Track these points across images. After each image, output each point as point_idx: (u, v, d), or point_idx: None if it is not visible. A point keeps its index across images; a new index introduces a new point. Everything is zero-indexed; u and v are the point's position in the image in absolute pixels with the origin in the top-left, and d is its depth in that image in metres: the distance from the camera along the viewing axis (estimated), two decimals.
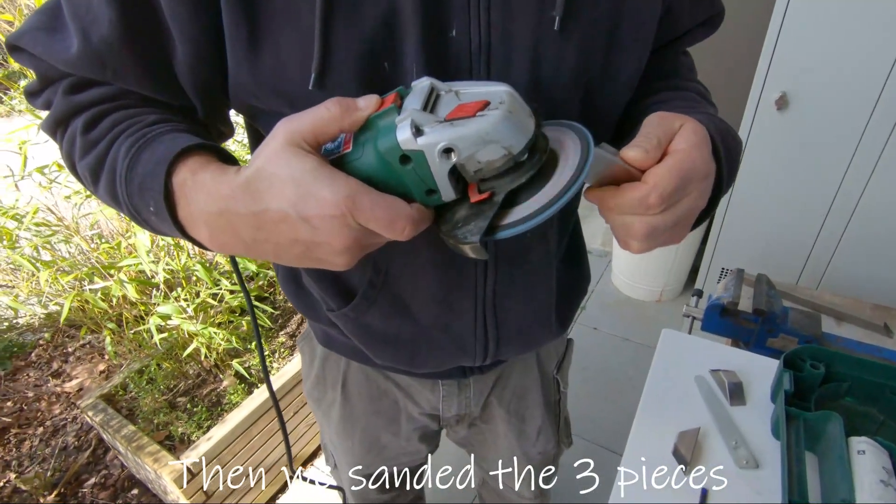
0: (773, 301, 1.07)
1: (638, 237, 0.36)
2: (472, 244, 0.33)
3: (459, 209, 0.36)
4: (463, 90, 0.33)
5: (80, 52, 0.39)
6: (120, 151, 0.39)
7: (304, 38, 0.38)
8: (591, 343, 2.08)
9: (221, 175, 0.34)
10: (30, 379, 2.09)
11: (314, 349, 0.73)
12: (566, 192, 0.32)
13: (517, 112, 0.31)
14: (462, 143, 0.30)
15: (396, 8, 0.38)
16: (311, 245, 0.33)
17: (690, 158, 0.35)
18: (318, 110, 0.32)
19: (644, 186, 0.34)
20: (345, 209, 0.31)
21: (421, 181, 0.33)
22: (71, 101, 0.42)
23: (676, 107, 0.48)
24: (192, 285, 1.41)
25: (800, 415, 0.64)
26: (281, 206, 0.32)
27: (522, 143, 0.32)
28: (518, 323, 0.60)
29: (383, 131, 0.32)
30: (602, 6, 0.42)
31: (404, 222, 0.32)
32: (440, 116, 0.31)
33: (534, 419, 0.79)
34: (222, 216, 0.34)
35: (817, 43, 1.36)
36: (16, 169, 1.23)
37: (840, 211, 1.53)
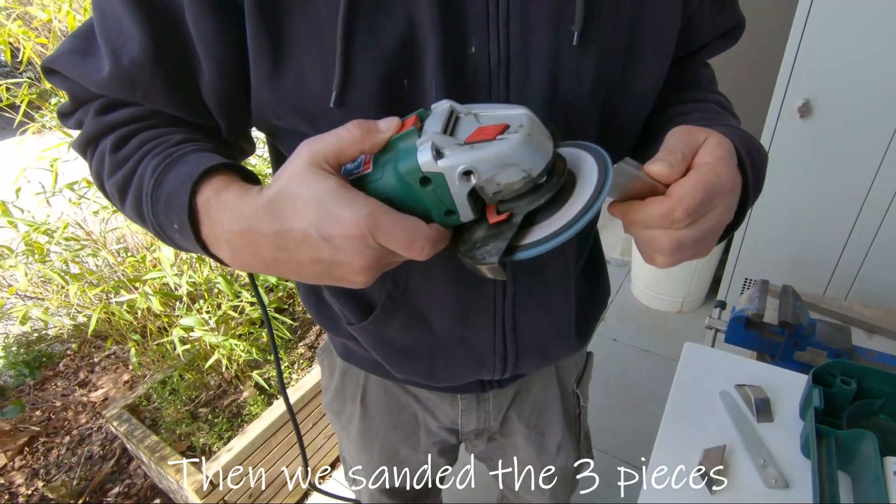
0: (799, 313, 1.04)
1: (664, 251, 0.36)
2: (490, 265, 0.33)
3: (477, 230, 0.36)
4: (482, 113, 0.33)
5: (111, 73, 0.41)
6: (147, 170, 0.40)
7: (325, 57, 0.39)
8: (611, 354, 2.05)
9: (244, 195, 0.35)
10: (58, 388, 2.14)
11: (334, 362, 0.74)
12: (584, 215, 0.32)
13: (536, 135, 0.31)
14: (482, 165, 0.31)
15: (416, 26, 0.38)
16: (332, 264, 0.33)
17: (716, 172, 0.34)
18: (339, 132, 0.33)
19: (669, 201, 0.33)
20: (365, 229, 0.31)
21: (440, 202, 0.33)
22: (101, 122, 0.44)
23: (698, 119, 0.48)
24: (213, 297, 1.44)
25: (831, 433, 0.62)
26: (303, 226, 0.32)
27: (541, 166, 0.32)
28: (537, 337, 0.59)
29: (404, 153, 0.32)
30: (620, 19, 0.42)
31: (423, 242, 0.33)
32: (460, 139, 0.31)
33: (553, 434, 0.78)
34: (244, 236, 0.34)
35: (841, 48, 1.34)
36: (47, 185, 1.27)
37: (869, 219, 1.49)
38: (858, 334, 1.16)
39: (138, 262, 1.36)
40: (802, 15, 1.35)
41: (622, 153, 0.52)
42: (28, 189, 1.26)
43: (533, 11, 0.39)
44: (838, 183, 1.49)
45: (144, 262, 1.33)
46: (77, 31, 0.45)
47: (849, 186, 1.48)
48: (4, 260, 1.27)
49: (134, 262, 1.37)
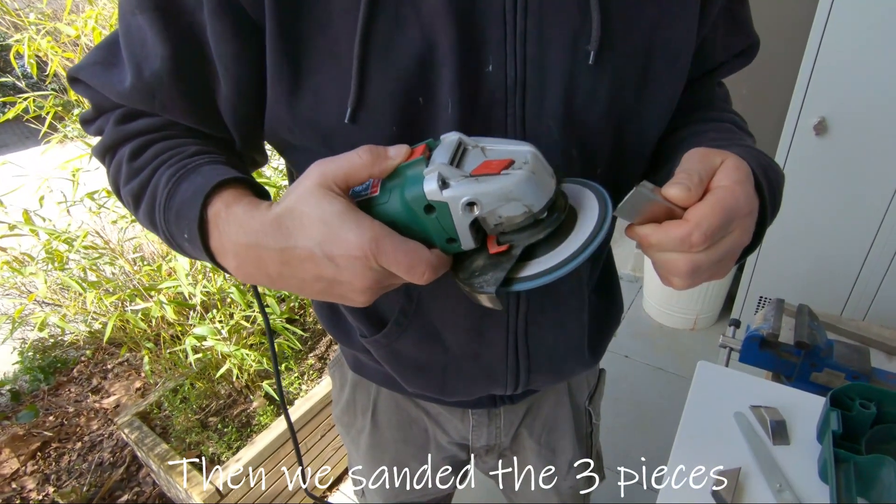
0: (816, 333, 1.02)
1: (681, 274, 0.36)
2: (487, 294, 0.34)
3: (477, 258, 0.37)
4: (489, 147, 0.34)
5: (133, 85, 0.42)
6: (161, 180, 0.41)
7: (342, 76, 0.40)
8: (623, 372, 2.02)
9: (253, 209, 0.36)
10: (71, 394, 2.17)
11: (345, 375, 0.74)
12: (582, 253, 0.33)
13: (539, 172, 0.32)
14: (485, 198, 0.32)
15: (433, 46, 0.39)
16: (334, 283, 0.34)
17: (733, 195, 0.34)
18: (350, 156, 0.34)
19: (687, 225, 0.33)
20: (368, 251, 0.32)
21: (443, 230, 0.34)
22: (120, 130, 0.46)
23: (713, 138, 0.48)
24: (226, 307, 1.45)
25: (850, 458, 0.61)
26: (308, 244, 0.33)
27: (542, 202, 0.33)
28: (549, 353, 0.59)
29: (411, 181, 0.33)
30: (636, 40, 0.43)
31: (424, 268, 0.34)
32: (466, 171, 0.33)
33: (565, 452, 0.77)
34: (251, 249, 0.35)
35: (857, 66, 1.33)
36: (69, 195, 1.30)
37: (887, 238, 1.47)
38: (878, 356, 1.14)
39: (154, 272, 1.38)
40: (818, 32, 1.34)
41: (635, 172, 0.52)
42: (50, 198, 1.29)
43: (550, 33, 0.40)
44: (855, 202, 1.47)
45: (160, 272, 1.35)
46: (102, 43, 0.47)
47: (866, 205, 1.46)
48: (25, 267, 1.30)
49: (150, 270, 1.39)
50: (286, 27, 0.39)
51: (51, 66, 1.14)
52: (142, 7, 0.40)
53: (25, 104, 1.19)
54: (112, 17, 1.13)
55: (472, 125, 0.42)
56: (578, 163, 0.46)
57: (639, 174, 0.53)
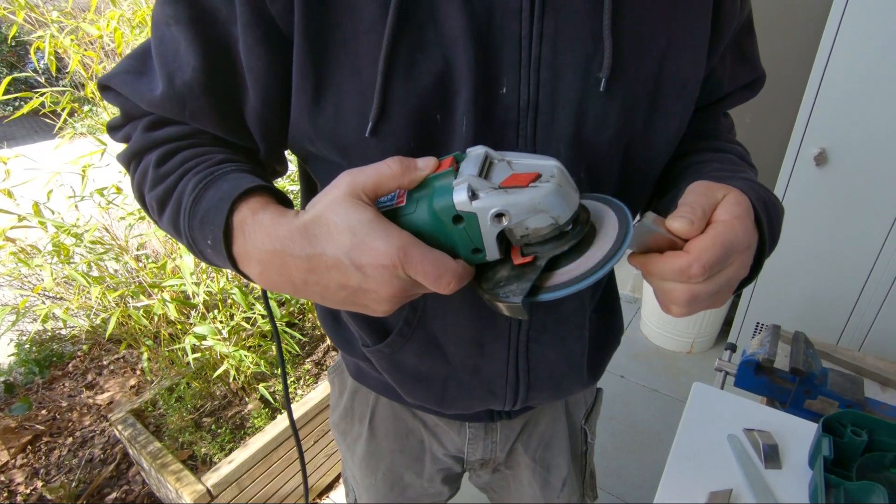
0: (811, 360, 1.04)
1: (679, 303, 0.37)
2: (513, 304, 0.35)
3: (501, 269, 0.37)
4: (515, 161, 0.35)
5: (164, 94, 0.44)
6: (188, 187, 0.42)
7: (363, 90, 0.41)
8: (618, 392, 2.02)
9: (280, 217, 0.37)
10: (65, 389, 2.16)
11: (345, 382, 0.74)
12: (605, 265, 0.34)
13: (565, 186, 0.33)
14: (514, 209, 0.33)
15: (452, 66, 0.41)
16: (359, 291, 0.35)
17: (733, 230, 0.35)
18: (380, 167, 0.35)
19: (687, 257, 0.35)
20: (397, 260, 0.33)
21: (469, 240, 0.35)
22: (148, 137, 0.46)
23: (716, 168, 0.49)
24: (227, 308, 1.46)
25: (840, 483, 0.62)
26: (336, 252, 0.34)
27: (568, 214, 0.34)
28: (549, 370, 0.60)
29: (440, 191, 0.34)
30: (646, 68, 0.44)
31: (450, 277, 0.34)
32: (494, 183, 0.33)
33: (559, 469, 0.77)
34: (276, 256, 0.36)
35: (858, 98, 1.36)
36: (78, 190, 1.32)
37: (884, 270, 1.48)
38: (872, 387, 1.14)
39: (158, 269, 1.39)
40: (821, 66, 1.37)
41: (642, 197, 0.54)
42: (60, 192, 1.31)
43: (563, 59, 0.42)
44: (853, 233, 1.49)
45: (165, 270, 1.37)
46: (133, 52, 0.48)
47: (864, 236, 1.48)
48: (32, 259, 1.31)
49: (154, 268, 1.41)
50: (312, 41, 0.40)
51: (71, 63, 1.16)
52: (176, 18, 0.41)
53: (42, 99, 1.21)
54: (134, 18, 1.16)
55: (486, 143, 0.43)
56: (587, 185, 0.47)
57: (645, 198, 0.54)
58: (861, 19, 1.29)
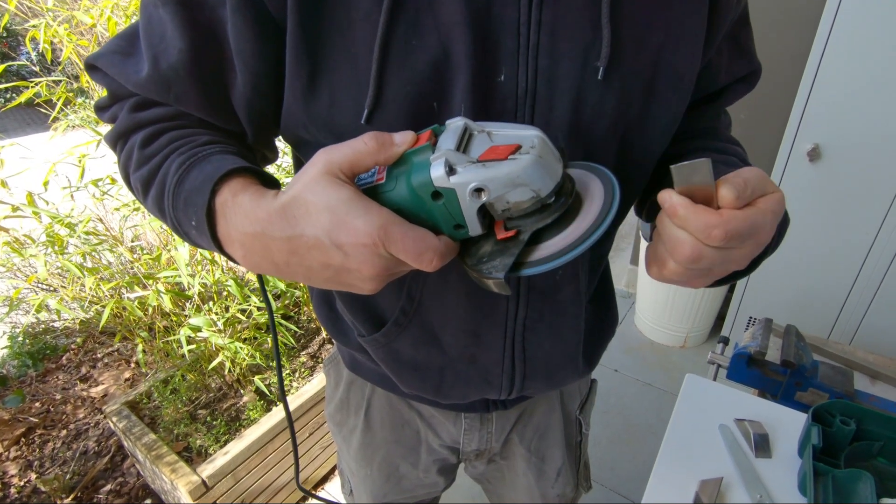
0: (802, 353, 1.05)
1: (680, 259, 0.37)
2: (496, 279, 0.34)
3: (485, 244, 0.37)
4: (495, 132, 0.34)
5: (149, 76, 0.43)
6: (171, 167, 0.41)
7: (359, 77, 0.41)
8: (612, 385, 2.04)
9: (259, 199, 0.36)
10: (59, 381, 2.16)
11: (340, 373, 0.74)
12: (590, 237, 0.33)
13: (546, 157, 0.32)
14: (492, 184, 0.32)
15: (449, 53, 0.41)
16: (342, 270, 0.34)
17: (764, 219, 0.35)
18: (355, 143, 0.34)
19: (717, 218, 0.34)
20: (377, 239, 0.32)
21: (450, 216, 0.34)
22: (134, 118, 0.46)
23: (721, 171, 0.49)
24: (222, 300, 1.46)
25: (828, 471, 0.63)
26: (315, 232, 0.33)
27: (550, 186, 0.33)
28: (545, 359, 0.60)
29: (417, 167, 0.33)
30: (643, 57, 0.44)
31: (432, 254, 0.34)
32: (473, 157, 0.32)
33: (554, 459, 0.78)
34: (257, 238, 0.35)
35: (852, 95, 1.37)
36: (73, 181, 1.31)
37: (875, 266, 1.50)
38: (862, 380, 1.16)
39: (153, 261, 1.39)
40: (815, 61, 1.38)
41: (639, 186, 0.54)
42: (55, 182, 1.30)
43: (562, 47, 0.42)
44: (845, 228, 1.51)
45: (159, 261, 1.36)
46: (122, 33, 0.48)
47: (856, 232, 1.49)
48: (26, 249, 1.31)
49: (149, 259, 1.40)
50: (307, 28, 0.40)
51: (65, 52, 1.15)
52: (164, 0, 0.41)
53: (37, 88, 1.20)
54: (129, 6, 1.15)
55: None
56: None
57: (642, 188, 0.55)
58: (855, 17, 1.30)
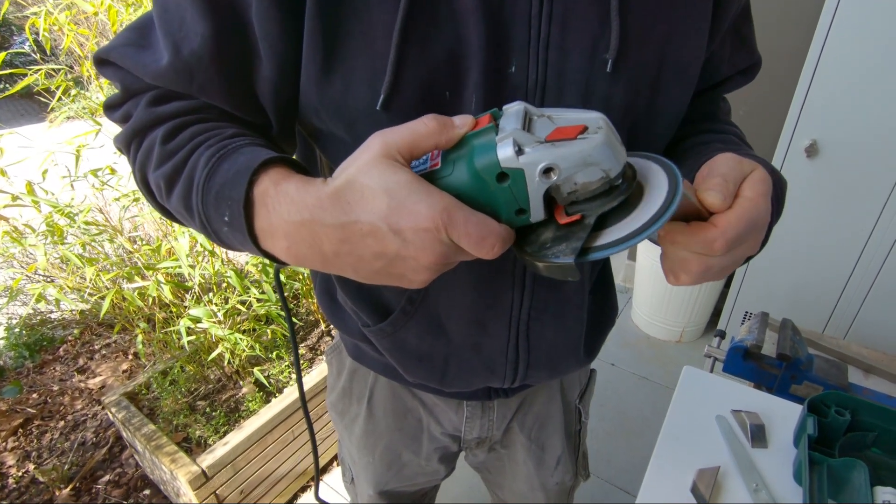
0: (797, 347, 1.06)
1: (691, 273, 0.37)
2: (566, 264, 0.33)
3: (544, 231, 0.36)
4: (556, 115, 0.33)
5: (170, 64, 0.41)
6: (200, 161, 0.39)
7: (375, 63, 0.41)
8: (609, 379, 2.05)
9: (307, 185, 0.34)
10: (56, 373, 2.15)
11: (343, 362, 0.75)
12: (658, 220, 0.32)
13: (613, 138, 0.32)
14: (564, 163, 0.31)
15: (463, 43, 0.41)
16: (396, 259, 0.33)
17: (757, 208, 0.35)
18: (414, 125, 0.33)
19: (714, 231, 0.34)
20: (440, 223, 0.31)
21: (514, 200, 0.33)
22: (153, 112, 0.44)
23: (719, 149, 0.50)
24: (222, 291, 1.46)
25: (823, 461, 0.64)
26: (371, 218, 0.32)
27: (619, 167, 0.32)
28: (548, 348, 0.61)
29: (481, 149, 0.32)
30: (650, 50, 0.45)
31: (494, 239, 0.32)
32: (540, 137, 0.31)
33: (553, 448, 0.79)
34: (305, 226, 0.34)
35: (849, 92, 1.38)
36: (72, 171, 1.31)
37: (870, 262, 1.51)
38: (855, 373, 1.18)
39: (153, 252, 1.39)
40: (814, 58, 1.39)
41: None
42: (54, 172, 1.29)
43: (571, 40, 0.42)
44: (841, 224, 1.52)
45: (159, 252, 1.36)
46: (133, 24, 0.46)
47: (852, 228, 1.51)
48: (25, 238, 1.30)
49: (149, 250, 1.40)
50: (325, 9, 0.40)
51: (65, 41, 1.14)
52: None
53: (36, 76, 1.19)
54: None
55: None
56: None
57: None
58: (855, 13, 1.31)
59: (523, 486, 0.84)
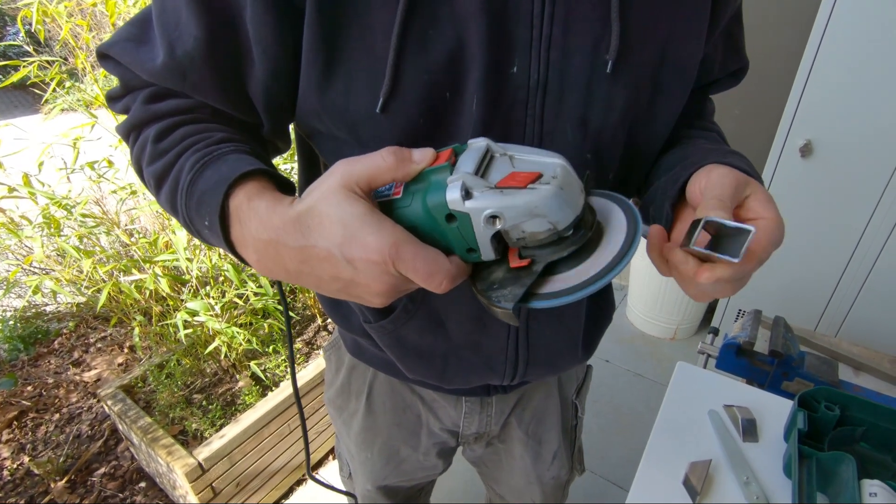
0: (789, 344, 1.08)
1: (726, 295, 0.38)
2: (504, 310, 0.33)
3: (497, 270, 0.36)
4: (518, 156, 0.33)
5: (164, 64, 0.42)
6: (185, 165, 0.41)
7: (375, 66, 0.41)
8: (603, 376, 2.07)
9: (275, 206, 0.36)
10: (51, 366, 2.15)
11: (342, 358, 0.75)
12: (608, 274, 0.32)
13: (567, 188, 0.31)
14: (508, 212, 0.31)
15: (464, 44, 0.41)
16: (351, 284, 0.35)
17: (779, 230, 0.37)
18: (374, 158, 0.34)
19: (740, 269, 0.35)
20: (388, 257, 0.32)
21: (463, 239, 0.34)
22: (148, 110, 0.45)
23: (702, 146, 0.51)
24: (219, 284, 1.46)
25: (812, 454, 0.65)
26: (327, 244, 0.33)
27: (569, 220, 0.32)
28: (547, 346, 0.61)
29: (434, 187, 0.33)
30: (649, 51, 0.46)
31: (442, 277, 0.34)
32: (491, 182, 0.32)
33: (550, 443, 0.79)
34: (271, 245, 0.36)
35: (844, 92, 1.39)
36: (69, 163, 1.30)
37: (862, 261, 1.53)
38: (846, 371, 1.19)
39: (150, 244, 1.39)
40: (809, 58, 1.40)
41: (642, 174, 0.56)
42: (50, 164, 1.29)
43: (573, 40, 0.43)
44: (834, 223, 1.54)
45: (156, 245, 1.36)
46: (134, 19, 0.47)
47: (844, 227, 1.52)
48: (21, 230, 1.30)
49: (145, 243, 1.40)
50: (325, 13, 0.40)
51: (62, 32, 1.14)
52: None
53: (31, 68, 1.18)
54: None
55: (494, 122, 0.44)
56: (592, 165, 0.48)
57: (643, 177, 0.56)
58: (850, 15, 1.32)
59: (520, 481, 0.85)
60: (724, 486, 0.67)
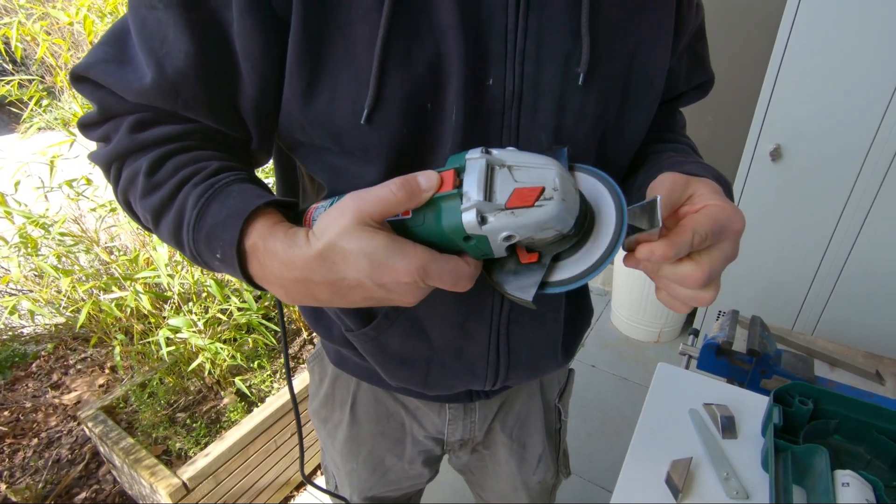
0: (766, 342, 1.10)
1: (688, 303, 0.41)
2: (525, 300, 0.38)
3: (508, 262, 0.40)
4: (516, 166, 0.35)
5: (154, 82, 0.41)
6: (188, 201, 0.41)
7: (358, 78, 0.42)
8: (589, 380, 2.09)
9: (291, 245, 0.37)
10: (28, 389, 2.09)
11: (325, 369, 0.75)
12: (607, 258, 0.37)
13: (569, 197, 0.35)
14: (522, 231, 0.34)
15: (443, 57, 0.42)
16: (383, 299, 0.38)
17: (723, 212, 0.38)
18: (384, 192, 0.35)
19: (675, 240, 0.37)
20: (417, 277, 0.35)
21: (479, 251, 0.37)
22: (134, 139, 0.44)
23: (671, 157, 0.53)
24: (202, 300, 1.45)
25: (788, 448, 0.67)
26: (357, 275, 0.35)
27: (571, 223, 0.36)
28: (528, 350, 0.62)
29: (448, 213, 0.35)
30: (618, 65, 0.48)
31: (465, 280, 0.37)
32: (500, 203, 0.34)
33: (535, 446, 0.80)
34: (300, 283, 0.37)
35: (811, 98, 1.45)
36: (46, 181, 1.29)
37: (833, 260, 1.58)
38: (822, 367, 1.22)
39: (130, 262, 1.37)
40: (775, 65, 1.46)
41: None
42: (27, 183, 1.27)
43: (545, 54, 0.44)
44: (805, 224, 1.59)
45: (137, 262, 1.34)
46: (105, 39, 0.45)
47: (815, 228, 1.57)
48: None
49: (126, 260, 1.38)
50: (310, 26, 0.41)
51: (39, 51, 1.13)
52: (164, 2, 0.40)
53: (9, 87, 1.17)
54: (105, 6, 1.14)
55: (473, 132, 0.45)
56: None
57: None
58: (812, 24, 1.38)
59: (506, 486, 0.85)
60: (705, 483, 0.69)
